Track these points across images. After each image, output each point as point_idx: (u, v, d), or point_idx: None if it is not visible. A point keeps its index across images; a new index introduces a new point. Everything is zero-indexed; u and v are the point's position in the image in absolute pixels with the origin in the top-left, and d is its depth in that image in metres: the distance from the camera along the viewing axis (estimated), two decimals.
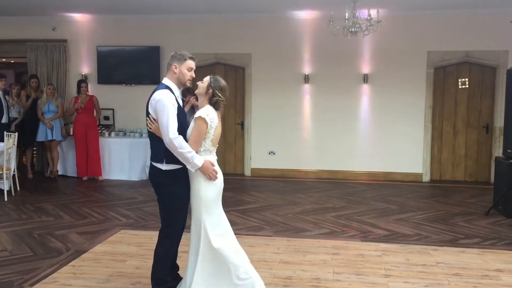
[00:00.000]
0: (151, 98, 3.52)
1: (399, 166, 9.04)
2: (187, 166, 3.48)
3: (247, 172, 9.50)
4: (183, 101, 4.19)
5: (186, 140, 3.50)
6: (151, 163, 3.63)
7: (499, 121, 8.50)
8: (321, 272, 4.48)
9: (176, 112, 3.46)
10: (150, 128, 3.54)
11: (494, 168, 7.34)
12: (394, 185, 8.63)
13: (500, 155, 7.27)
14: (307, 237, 5.59)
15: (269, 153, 9.38)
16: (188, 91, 7.33)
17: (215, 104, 3.56)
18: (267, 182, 8.88)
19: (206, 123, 3.46)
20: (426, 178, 9.01)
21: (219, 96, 3.56)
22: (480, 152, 8.95)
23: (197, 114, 3.50)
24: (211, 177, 3.51)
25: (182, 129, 3.51)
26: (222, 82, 3.61)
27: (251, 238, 5.50)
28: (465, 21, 8.55)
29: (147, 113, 3.56)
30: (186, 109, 7.34)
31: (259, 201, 7.35)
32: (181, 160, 3.44)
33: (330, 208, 6.96)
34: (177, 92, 3.62)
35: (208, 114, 3.49)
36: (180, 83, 3.62)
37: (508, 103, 6.94)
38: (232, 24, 9.22)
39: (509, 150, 6.72)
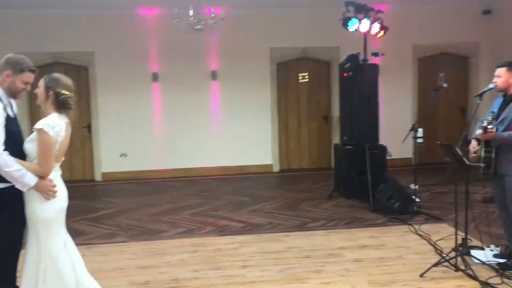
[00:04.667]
0: None
1: (250, 159, 9.37)
2: (16, 186, 3.00)
3: (98, 177, 9.02)
4: None
5: (25, 156, 3.07)
6: None
7: (336, 111, 9.28)
8: (180, 272, 4.44)
9: (4, 122, 2.97)
10: None
11: (334, 155, 8.02)
12: (247, 177, 8.92)
13: (338, 142, 7.96)
14: (164, 238, 5.50)
15: (121, 156, 9.02)
16: None
17: (63, 105, 3.11)
18: (120, 185, 8.53)
19: (51, 136, 3.02)
20: (276, 168, 9.49)
21: (64, 94, 3.10)
22: (321, 141, 9.70)
23: (38, 125, 3.01)
24: (48, 195, 3.07)
25: (15, 142, 3.04)
26: (63, 78, 3.17)
27: (104, 246, 5.22)
28: (302, 19, 9.13)
29: None
30: None
31: (112, 207, 7.02)
32: (9, 180, 2.97)
33: (186, 206, 6.94)
34: (6, 100, 3.11)
35: (54, 126, 3.03)
36: (10, 93, 3.12)
37: (341, 94, 7.64)
38: (72, 21, 8.61)
39: (345, 137, 7.40)
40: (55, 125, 3.05)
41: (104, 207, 6.99)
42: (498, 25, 9.27)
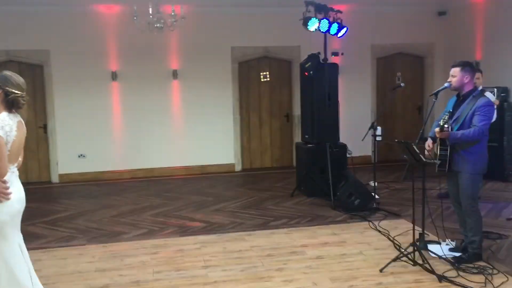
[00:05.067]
0: None
1: (213, 158, 9.32)
2: None
3: (55, 179, 8.75)
4: None
5: None
6: None
7: (297, 110, 9.34)
8: (141, 274, 4.37)
9: None
10: None
11: (295, 153, 8.08)
12: (210, 177, 8.87)
13: (300, 140, 8.03)
14: (124, 240, 5.41)
15: (79, 156, 8.79)
16: None
17: (13, 104, 3.01)
18: (79, 187, 8.31)
19: (0, 136, 2.90)
20: (239, 167, 9.48)
21: (15, 93, 3.01)
22: (283, 139, 9.75)
23: None
24: (0, 197, 2.94)
25: None
26: (13, 76, 3.07)
27: (62, 250, 5.08)
28: (263, 18, 9.14)
29: None
30: None
31: (70, 209, 6.83)
32: None
33: (147, 207, 6.83)
34: None
35: (3, 126, 2.92)
36: None
37: (302, 93, 7.70)
38: (26, 17, 8.30)
39: (306, 136, 7.47)
40: (5, 125, 2.95)
41: (62, 210, 6.80)
42: (452, 26, 9.58)
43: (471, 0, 8.87)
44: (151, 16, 6.91)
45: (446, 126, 4.13)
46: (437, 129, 4.22)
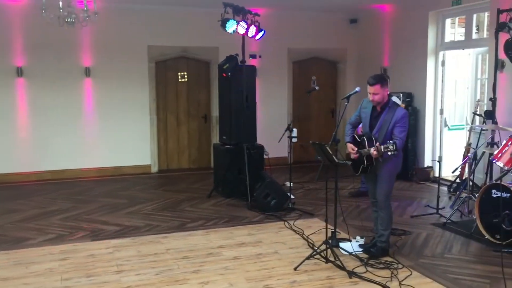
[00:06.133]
0: None
1: (128, 159, 9.03)
2: None
3: None
4: None
5: None
6: None
7: (215, 111, 9.32)
8: (48, 282, 4.13)
9: None
10: None
11: (213, 154, 8.06)
12: (124, 179, 8.58)
13: (217, 142, 8.02)
14: (29, 246, 5.08)
15: None
16: None
17: None
18: None
19: None
20: (155, 169, 9.27)
21: None
22: (201, 140, 9.68)
23: None
24: None
25: None
26: None
27: None
28: (181, 17, 9.01)
29: None
30: None
31: None
32: None
33: (56, 211, 6.47)
34: None
35: None
36: None
37: (220, 94, 7.69)
38: None
39: (224, 137, 7.47)
40: None
41: None
42: (363, 33, 10.06)
43: (379, 10, 9.37)
44: (61, 10, 6.53)
45: (389, 153, 4.25)
46: (375, 152, 4.36)
